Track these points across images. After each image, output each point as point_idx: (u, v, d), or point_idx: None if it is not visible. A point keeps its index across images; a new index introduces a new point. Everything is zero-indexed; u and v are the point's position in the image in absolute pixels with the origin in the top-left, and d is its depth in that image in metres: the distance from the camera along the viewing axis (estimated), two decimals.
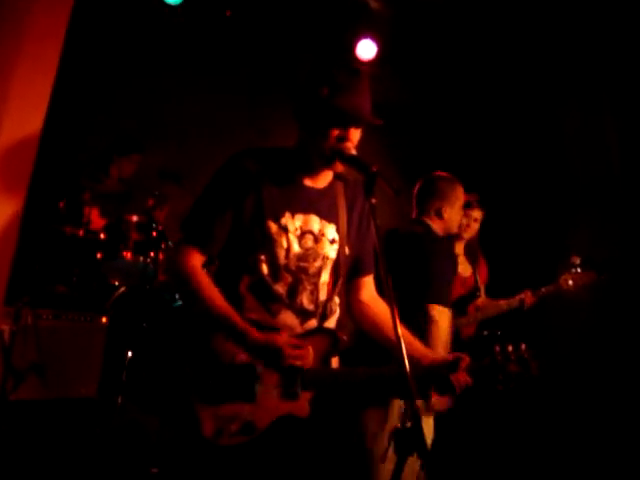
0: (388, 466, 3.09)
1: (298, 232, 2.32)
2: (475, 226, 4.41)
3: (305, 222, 2.34)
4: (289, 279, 2.31)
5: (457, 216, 3.74)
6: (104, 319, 4.41)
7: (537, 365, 2.25)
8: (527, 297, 4.30)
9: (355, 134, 2.27)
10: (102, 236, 4.92)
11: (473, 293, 4.42)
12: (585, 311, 5.39)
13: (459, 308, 4.33)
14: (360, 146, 2.31)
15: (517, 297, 4.33)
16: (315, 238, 2.35)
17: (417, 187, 3.77)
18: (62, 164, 5.28)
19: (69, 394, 4.16)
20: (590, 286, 4.35)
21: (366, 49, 6.08)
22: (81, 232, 4.91)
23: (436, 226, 3.66)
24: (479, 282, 4.47)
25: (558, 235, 5.60)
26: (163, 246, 4.82)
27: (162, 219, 5.03)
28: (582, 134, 5.63)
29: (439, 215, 3.66)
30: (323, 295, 2.37)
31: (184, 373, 2.24)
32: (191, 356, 2.25)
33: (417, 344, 2.38)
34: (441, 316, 3.35)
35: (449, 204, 3.67)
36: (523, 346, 2.27)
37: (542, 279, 4.50)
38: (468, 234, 4.40)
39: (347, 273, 2.44)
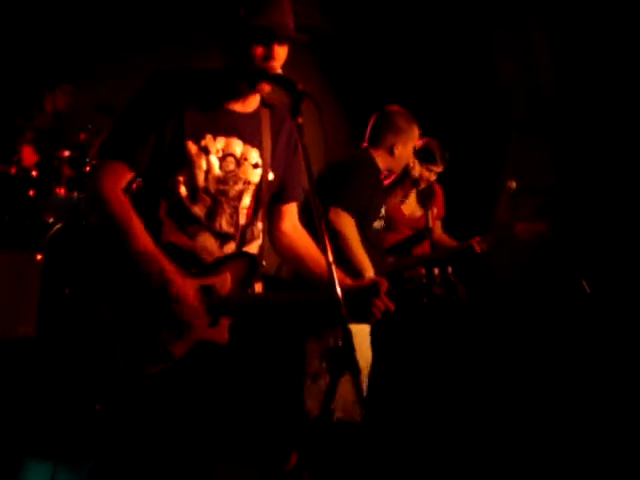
0: (321, 386, 3.13)
1: (219, 154, 2.26)
2: (433, 177, 4.36)
3: (227, 145, 2.27)
4: (208, 201, 2.26)
5: (407, 156, 3.72)
6: (39, 257, 4.33)
7: (464, 289, 2.22)
8: (477, 244, 4.23)
9: (280, 52, 2.19)
10: (34, 173, 4.80)
11: (422, 234, 4.40)
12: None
13: (404, 249, 4.32)
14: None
15: (468, 242, 4.27)
16: (237, 161, 2.29)
17: (373, 119, 3.73)
18: None
19: (7, 334, 4.11)
20: (542, 235, 4.31)
21: None
22: (13, 170, 4.79)
23: (380, 160, 3.61)
24: (430, 223, 4.41)
25: (496, 162, 5.62)
26: None
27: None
28: (511, 52, 5.58)
29: (390, 151, 3.61)
30: (243, 219, 2.33)
31: (100, 306, 2.19)
32: (102, 280, 2.20)
33: (341, 275, 2.29)
34: (341, 220, 3.31)
35: (402, 142, 3.62)
36: (449, 269, 2.24)
37: (483, 210, 4.48)
38: (424, 182, 4.35)
39: (269, 199, 2.40)
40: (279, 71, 2.18)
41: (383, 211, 3.73)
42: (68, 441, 3.01)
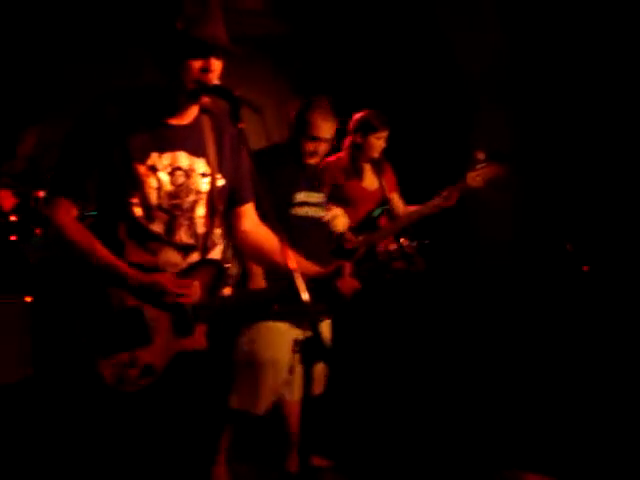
0: (297, 377, 3.23)
1: (168, 170, 2.32)
2: (382, 144, 4.45)
3: (174, 159, 2.34)
4: (164, 217, 2.32)
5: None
6: (28, 299, 4.41)
7: (422, 260, 2.30)
8: (438, 200, 4.32)
9: (216, 64, 2.26)
10: (13, 218, 4.86)
11: (382, 206, 4.50)
12: (505, 213, 5.57)
13: (371, 224, 4.42)
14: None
15: (429, 202, 4.35)
16: (186, 174, 2.35)
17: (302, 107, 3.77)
18: None
19: (7, 380, 4.18)
20: (498, 179, 4.40)
21: None
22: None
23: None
24: (387, 192, 4.52)
25: (462, 135, 5.69)
26: None
27: None
28: (469, 31, 5.67)
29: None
30: (201, 228, 2.39)
31: (77, 328, 2.25)
32: (81, 309, 2.26)
33: (302, 261, 2.41)
34: None
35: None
36: (405, 242, 2.33)
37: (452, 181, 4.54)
38: (375, 152, 4.45)
39: (225, 204, 2.47)
40: (216, 82, 2.25)
41: (300, 197, 3.72)
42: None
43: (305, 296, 1.86)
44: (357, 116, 4.45)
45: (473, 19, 5.63)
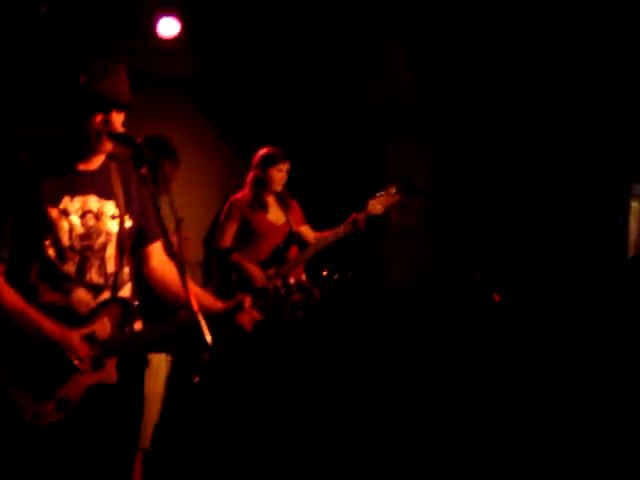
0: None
1: (79, 212, 2.46)
2: (284, 176, 4.68)
3: (84, 203, 2.47)
4: (76, 258, 2.44)
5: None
6: None
7: (319, 291, 2.48)
8: (343, 227, 4.58)
9: (117, 117, 2.42)
10: None
11: (289, 239, 4.70)
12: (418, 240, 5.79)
13: (279, 257, 4.60)
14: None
15: (336, 229, 4.61)
16: (96, 216, 2.49)
17: None
18: None
19: None
20: (397, 206, 4.67)
21: (168, 27, 6.14)
22: None
23: None
24: (294, 226, 4.74)
25: (377, 171, 5.92)
26: None
27: None
28: (377, 70, 5.92)
29: None
30: (111, 268, 2.52)
31: None
32: None
33: (206, 297, 2.60)
34: None
35: None
36: (303, 276, 2.53)
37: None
38: (277, 185, 4.68)
39: (133, 244, 2.61)
40: (120, 130, 2.41)
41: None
42: None
43: (208, 338, 2.06)
44: (259, 152, 4.68)
45: (381, 58, 5.87)
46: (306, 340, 4.91)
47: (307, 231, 4.82)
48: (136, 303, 2.56)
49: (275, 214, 4.73)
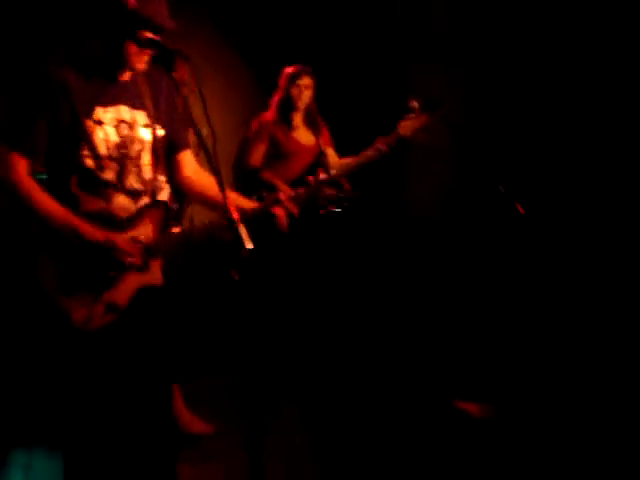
0: None
1: (113, 123, 2.53)
2: (307, 93, 4.64)
3: (117, 113, 2.54)
4: (114, 166, 2.52)
5: None
6: None
7: (350, 186, 2.52)
8: (372, 150, 4.49)
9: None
10: None
11: (318, 160, 4.71)
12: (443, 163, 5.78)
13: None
14: None
15: (363, 152, 4.53)
16: (129, 125, 2.56)
17: None
18: None
19: None
20: (427, 128, 4.60)
21: None
22: None
23: None
24: (322, 147, 4.74)
25: (401, 89, 5.86)
26: None
27: None
28: None
29: None
30: (148, 174, 2.61)
31: (38, 275, 2.44)
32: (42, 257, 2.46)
33: (242, 199, 2.68)
34: None
35: None
36: (333, 171, 2.59)
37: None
38: (302, 103, 4.64)
39: (166, 152, 2.70)
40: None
41: None
42: (41, 426, 3.26)
43: (249, 245, 2.11)
44: (284, 70, 4.66)
45: None
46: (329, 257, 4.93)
47: (332, 153, 4.81)
48: (175, 206, 2.60)
49: (304, 134, 4.71)
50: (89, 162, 2.48)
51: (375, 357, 4.94)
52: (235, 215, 2.15)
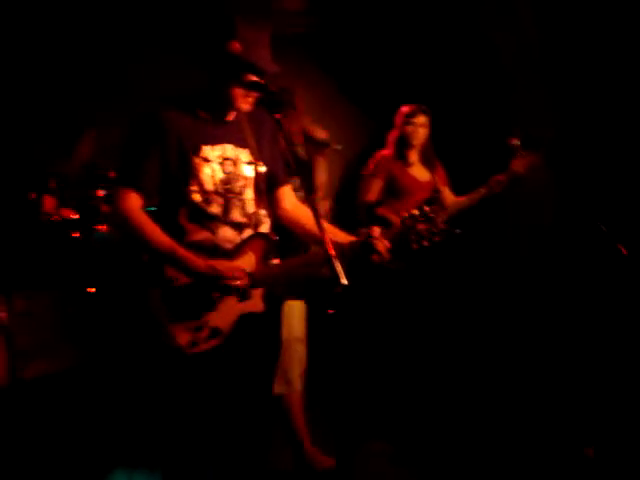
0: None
1: (219, 160, 2.70)
2: (422, 131, 4.74)
3: (222, 151, 2.72)
4: (220, 200, 2.69)
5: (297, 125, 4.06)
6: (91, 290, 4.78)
7: (443, 219, 2.56)
8: (486, 188, 4.63)
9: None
10: (74, 216, 5.20)
11: (433, 196, 4.71)
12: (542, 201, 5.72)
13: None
14: None
15: (477, 190, 4.66)
16: (233, 162, 2.73)
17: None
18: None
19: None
20: (538, 166, 4.64)
21: None
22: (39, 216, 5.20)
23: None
24: (439, 184, 4.82)
25: (501, 124, 5.86)
26: None
27: None
28: (499, 19, 5.85)
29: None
30: (251, 208, 2.77)
31: (147, 303, 2.60)
32: (150, 286, 2.62)
33: (340, 233, 2.78)
34: None
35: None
36: (426, 207, 2.65)
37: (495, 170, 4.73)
38: (417, 140, 4.74)
39: (266, 188, 2.84)
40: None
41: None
42: (142, 447, 3.40)
43: (344, 281, 2.18)
44: (400, 109, 4.77)
45: (512, 18, 5.80)
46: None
47: (448, 192, 4.87)
48: (276, 238, 2.77)
49: (419, 171, 4.79)
50: (197, 197, 2.65)
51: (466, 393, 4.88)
52: (331, 250, 2.24)
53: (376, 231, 2.66)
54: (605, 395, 4.31)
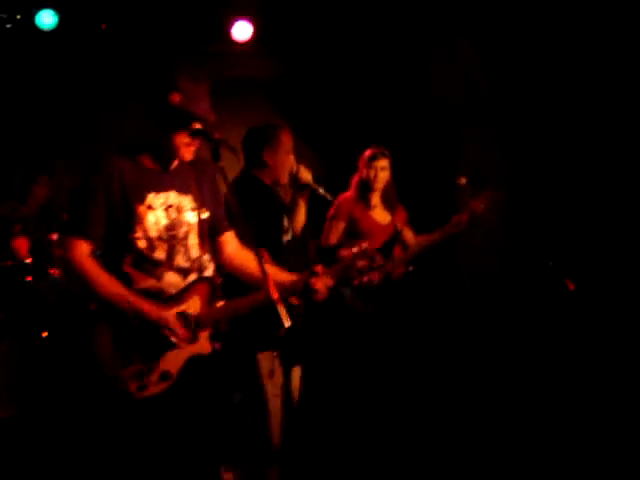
0: (277, 380, 3.47)
1: (163, 207, 2.75)
2: (383, 174, 4.83)
3: (166, 198, 2.77)
4: (164, 246, 2.74)
5: (283, 162, 3.79)
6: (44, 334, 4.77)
7: (382, 256, 2.65)
8: (448, 227, 4.71)
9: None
10: (28, 260, 5.22)
11: (394, 238, 4.85)
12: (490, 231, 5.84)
13: (385, 254, 4.72)
14: None
15: (439, 230, 4.75)
16: (177, 209, 2.79)
17: (242, 139, 3.87)
18: None
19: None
20: (498, 200, 4.78)
21: (242, 30, 6.42)
22: (9, 262, 5.22)
23: (262, 175, 3.78)
24: (399, 227, 4.90)
25: (453, 165, 6.00)
26: None
27: None
28: (448, 68, 6.02)
29: (263, 165, 3.76)
30: (195, 253, 2.82)
31: (96, 348, 2.63)
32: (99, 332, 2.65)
33: (282, 274, 2.87)
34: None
35: (272, 151, 3.76)
36: (364, 244, 2.78)
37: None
38: (379, 184, 4.83)
39: (209, 234, 2.90)
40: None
41: (286, 224, 3.85)
42: None
43: (287, 323, 2.26)
44: (363, 153, 4.85)
45: (448, 50, 5.97)
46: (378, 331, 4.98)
47: (409, 233, 4.95)
48: (219, 281, 2.81)
49: (381, 214, 4.88)
50: (141, 243, 2.69)
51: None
52: (274, 293, 2.28)
53: (319, 269, 2.74)
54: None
